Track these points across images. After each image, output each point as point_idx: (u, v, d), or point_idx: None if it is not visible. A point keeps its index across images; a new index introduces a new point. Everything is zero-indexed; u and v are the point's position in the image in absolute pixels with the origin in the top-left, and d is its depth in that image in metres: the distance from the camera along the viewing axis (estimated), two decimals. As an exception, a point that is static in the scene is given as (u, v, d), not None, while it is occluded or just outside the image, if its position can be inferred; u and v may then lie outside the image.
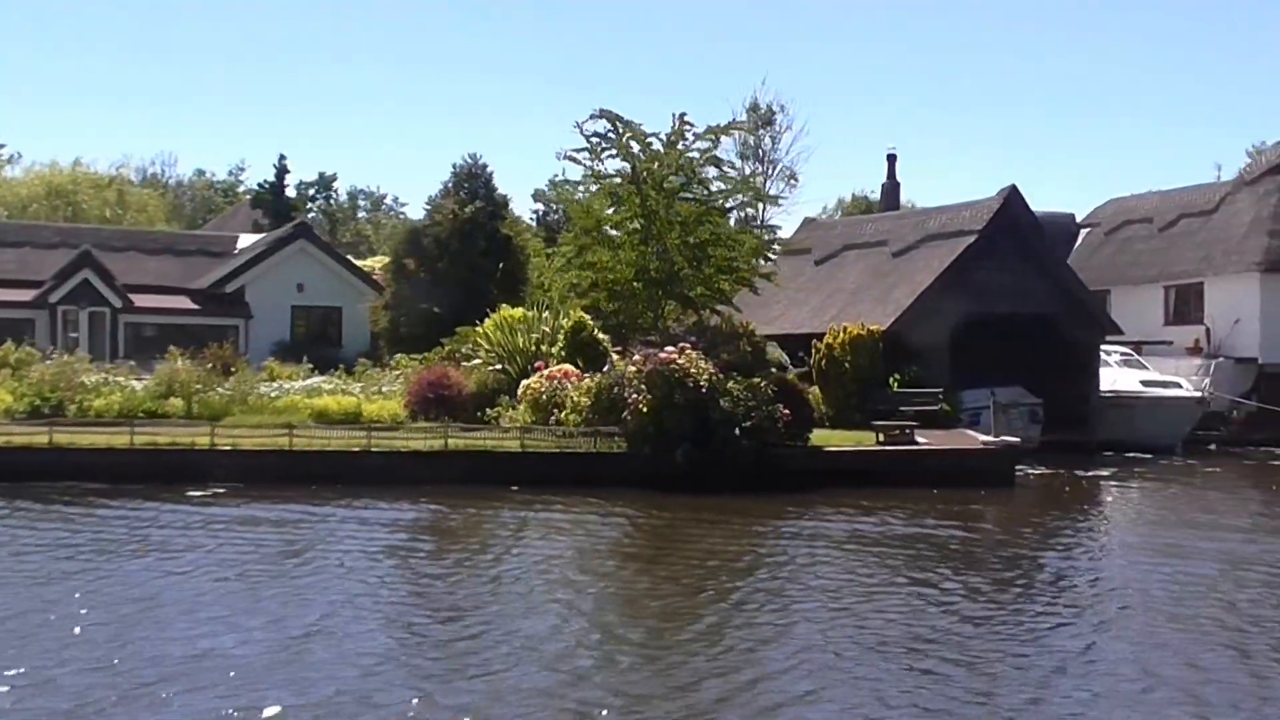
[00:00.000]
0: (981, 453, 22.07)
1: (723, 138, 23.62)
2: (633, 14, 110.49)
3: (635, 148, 23.68)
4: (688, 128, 23.50)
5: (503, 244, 35.08)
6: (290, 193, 69.13)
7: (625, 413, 20.79)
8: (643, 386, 20.63)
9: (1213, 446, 32.00)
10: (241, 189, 77.58)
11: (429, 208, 36.67)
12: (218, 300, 38.80)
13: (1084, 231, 43.35)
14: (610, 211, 24.21)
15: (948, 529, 17.45)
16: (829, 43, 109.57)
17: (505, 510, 18.40)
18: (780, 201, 46.92)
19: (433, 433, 21.47)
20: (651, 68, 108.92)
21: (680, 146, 24.00)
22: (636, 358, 21.20)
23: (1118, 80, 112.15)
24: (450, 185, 36.86)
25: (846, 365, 26.58)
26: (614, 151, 23.56)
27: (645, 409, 20.48)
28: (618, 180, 23.79)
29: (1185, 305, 37.06)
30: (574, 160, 23.91)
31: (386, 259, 40.70)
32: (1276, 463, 28.54)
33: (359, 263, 44.38)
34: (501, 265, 33.66)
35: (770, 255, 26.96)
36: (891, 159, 45.34)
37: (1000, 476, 21.65)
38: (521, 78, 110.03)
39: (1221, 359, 34.50)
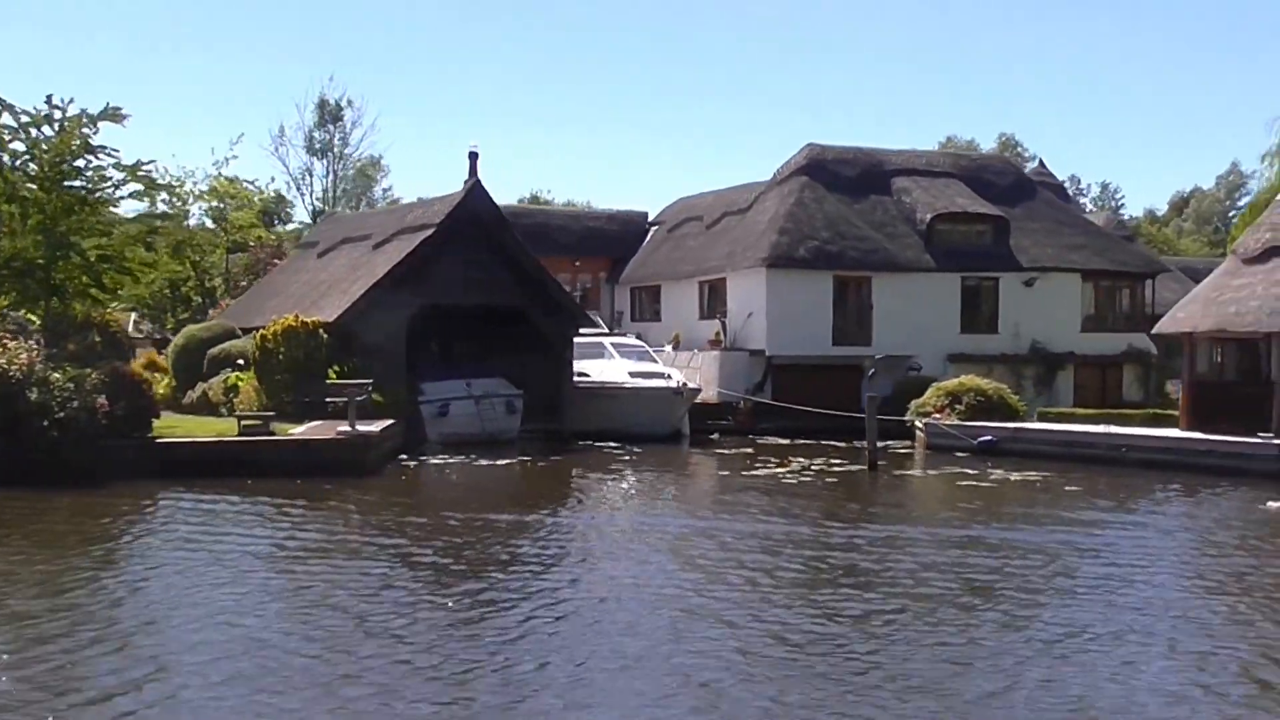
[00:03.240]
0: (333, 443, 22.04)
1: (96, 125, 22.82)
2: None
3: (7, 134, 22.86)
4: (57, 112, 22.78)
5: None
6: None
7: (-62, 405, 19.98)
8: (-48, 378, 19.84)
9: (715, 436, 32.95)
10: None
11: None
12: None
13: (652, 229, 44.46)
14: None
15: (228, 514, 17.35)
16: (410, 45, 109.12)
17: None
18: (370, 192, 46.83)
19: None
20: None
21: (78, 134, 23.25)
22: (-46, 348, 20.40)
23: (708, 78, 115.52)
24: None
25: (280, 356, 26.37)
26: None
27: (-51, 401, 19.71)
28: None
29: (715, 300, 38.23)
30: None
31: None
32: (724, 450, 29.49)
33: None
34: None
35: (150, 243, 26.52)
36: (473, 157, 45.14)
37: (354, 465, 21.57)
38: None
39: (702, 351, 35.93)
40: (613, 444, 29.33)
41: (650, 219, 45.28)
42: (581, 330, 31.68)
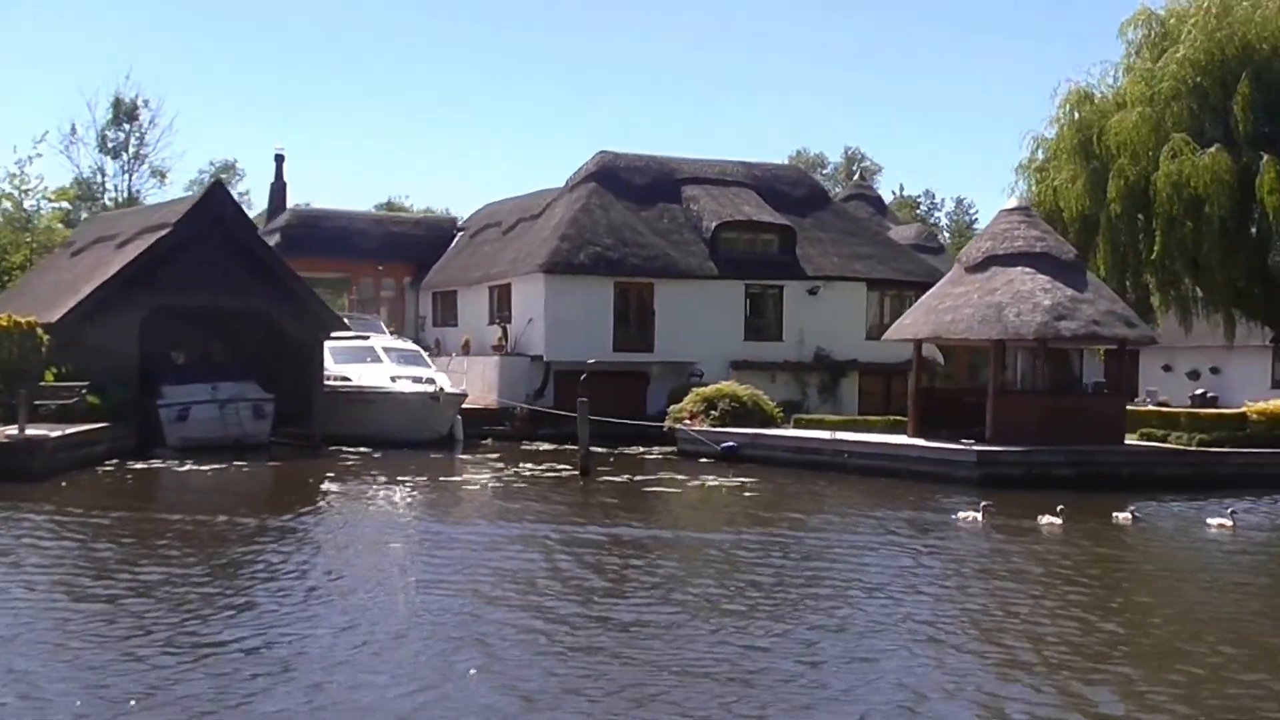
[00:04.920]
0: (-3, 446, 21.40)
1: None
2: None
3: None
4: None
5: None
6: None
7: None
8: None
9: (488, 441, 32.65)
10: None
11: None
12: None
13: (458, 235, 44.26)
14: None
15: None
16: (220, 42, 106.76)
17: None
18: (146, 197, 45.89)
19: None
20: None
21: None
22: None
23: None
24: None
25: (-12, 358, 25.69)
26: None
27: None
28: None
29: (502, 305, 38.06)
30: None
31: None
32: (471, 455, 29.26)
33: None
34: None
35: None
36: (279, 159, 45.06)
37: (14, 470, 20.64)
38: None
39: (460, 356, 36.05)
40: (363, 449, 28.96)
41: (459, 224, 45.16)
42: (336, 334, 31.28)
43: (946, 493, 22.13)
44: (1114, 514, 19.30)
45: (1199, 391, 43.54)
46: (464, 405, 32.63)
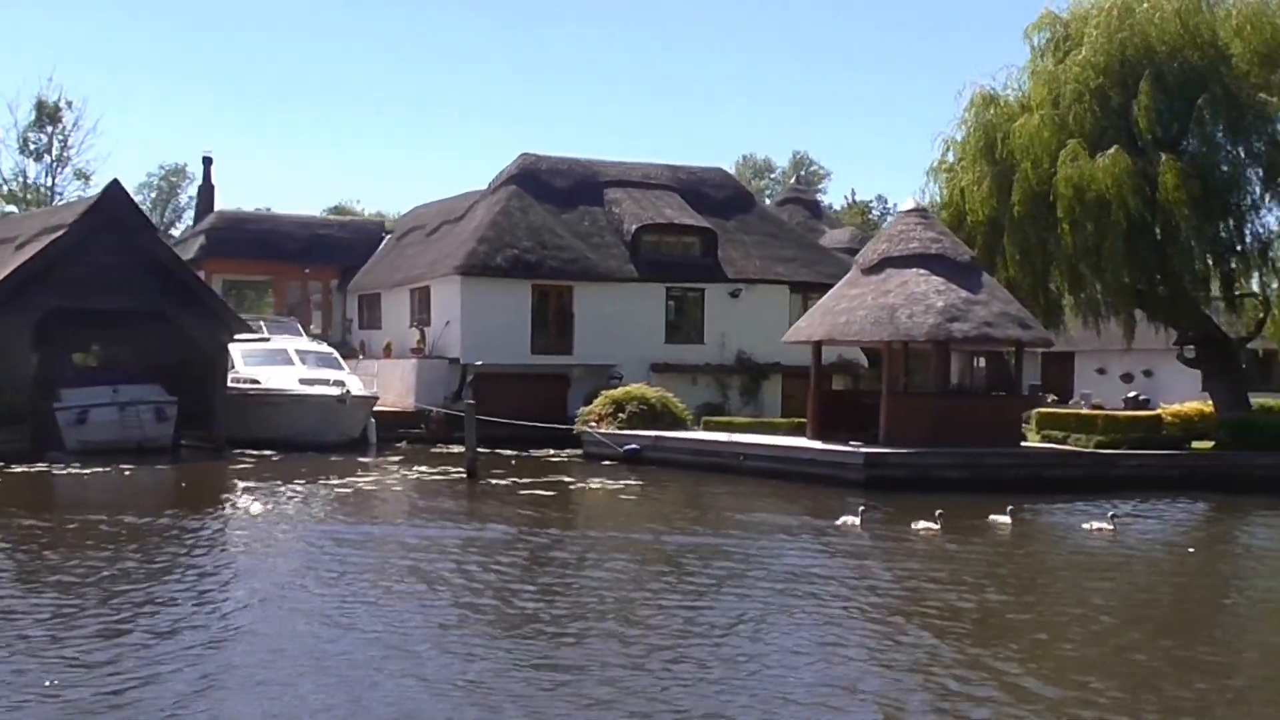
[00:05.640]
0: None
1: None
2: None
3: None
4: None
5: None
6: None
7: None
8: None
9: (402, 444, 32.38)
10: None
11: None
12: None
13: (386, 238, 44.08)
14: None
15: None
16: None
17: None
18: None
19: None
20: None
21: None
22: None
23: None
24: None
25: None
26: None
27: None
28: None
29: (422, 308, 37.89)
30: None
31: None
32: (372, 458, 29.02)
33: None
34: None
35: None
36: (207, 161, 44.85)
37: None
38: None
39: (367, 358, 36.10)
40: (266, 452, 28.70)
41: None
42: (246, 336, 31.05)
43: (837, 495, 21.93)
44: (990, 516, 19.12)
45: (1132, 394, 43.64)
46: (382, 408, 32.43)
